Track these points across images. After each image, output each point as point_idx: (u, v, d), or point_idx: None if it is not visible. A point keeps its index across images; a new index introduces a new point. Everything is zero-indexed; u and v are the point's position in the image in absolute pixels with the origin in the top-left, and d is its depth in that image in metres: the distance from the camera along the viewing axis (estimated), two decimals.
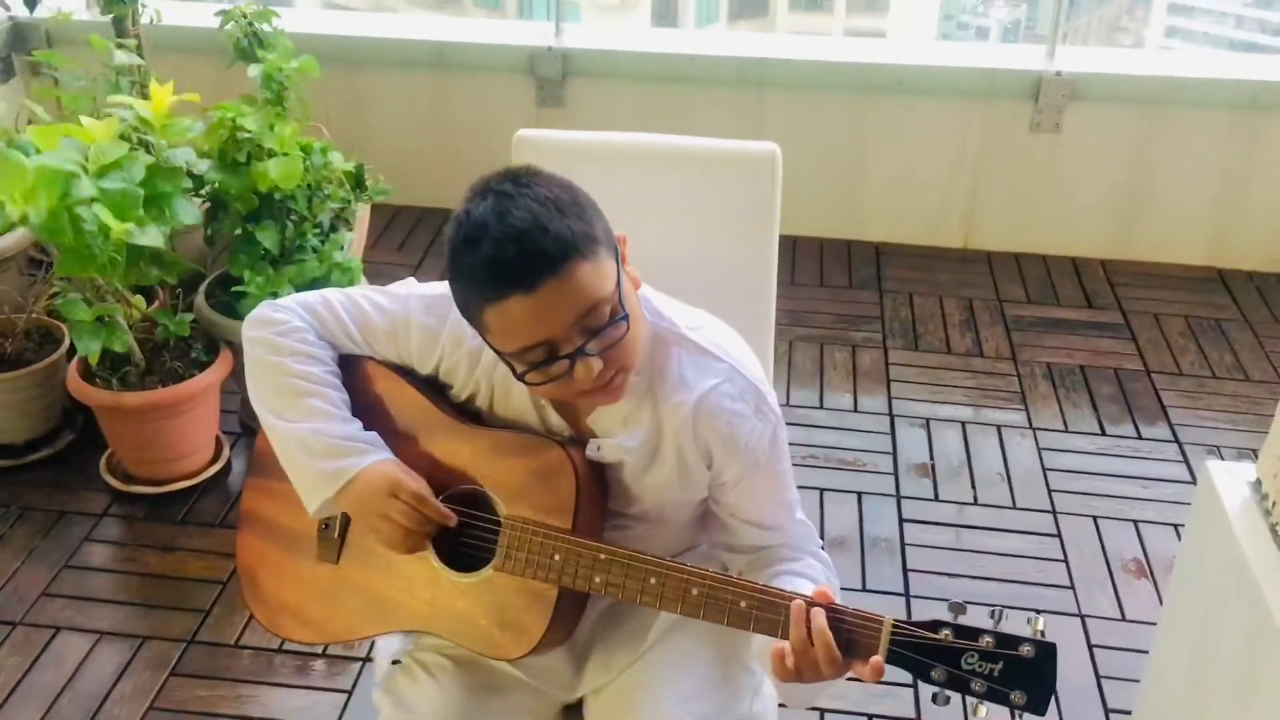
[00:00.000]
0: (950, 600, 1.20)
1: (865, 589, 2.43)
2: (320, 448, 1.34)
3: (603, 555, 1.30)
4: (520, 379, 1.26)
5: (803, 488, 1.48)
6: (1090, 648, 2.30)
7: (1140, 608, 2.40)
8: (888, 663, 1.19)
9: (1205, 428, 2.95)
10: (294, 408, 1.36)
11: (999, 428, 2.94)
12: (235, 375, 2.64)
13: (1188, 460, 2.83)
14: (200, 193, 2.64)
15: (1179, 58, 4.40)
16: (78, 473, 2.73)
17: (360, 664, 2.25)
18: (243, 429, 2.86)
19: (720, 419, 1.33)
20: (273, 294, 2.49)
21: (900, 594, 2.42)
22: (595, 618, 1.48)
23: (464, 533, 1.38)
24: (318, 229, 2.73)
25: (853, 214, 3.81)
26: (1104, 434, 2.93)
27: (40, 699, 2.16)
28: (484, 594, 1.35)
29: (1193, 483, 2.70)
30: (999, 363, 3.20)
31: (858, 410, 3.01)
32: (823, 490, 2.70)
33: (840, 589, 1.30)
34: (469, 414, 1.41)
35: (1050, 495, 2.71)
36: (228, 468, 2.74)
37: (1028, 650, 1.15)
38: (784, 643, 1.22)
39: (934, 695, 1.19)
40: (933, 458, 2.83)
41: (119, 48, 2.66)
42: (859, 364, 3.19)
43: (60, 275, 2.25)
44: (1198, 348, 3.28)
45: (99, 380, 2.55)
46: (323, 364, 1.40)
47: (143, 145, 2.52)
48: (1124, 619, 2.37)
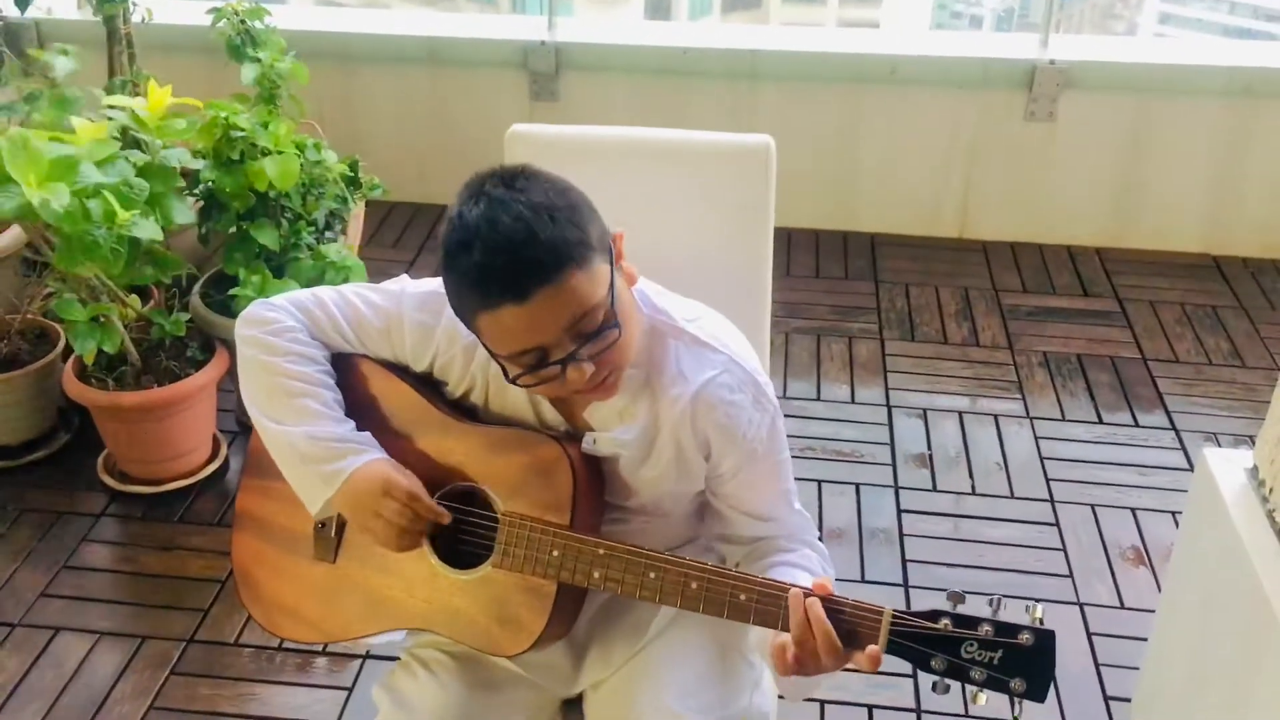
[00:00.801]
0: (949, 590, 1.21)
1: (864, 580, 2.44)
2: (313, 451, 1.34)
3: (601, 550, 1.30)
4: (513, 382, 1.26)
5: (801, 479, 1.48)
6: (1089, 636, 2.30)
7: (1138, 595, 2.40)
8: (887, 653, 1.19)
9: (1202, 415, 2.96)
10: (287, 409, 1.36)
11: (996, 417, 2.94)
12: (231, 374, 2.64)
13: (1185, 448, 2.83)
14: (194, 192, 2.64)
15: (1173, 45, 4.40)
16: (75, 473, 2.72)
17: (361, 661, 2.25)
18: (239, 427, 2.86)
19: (719, 410, 1.33)
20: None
21: (899, 584, 2.43)
22: (593, 612, 1.48)
23: (462, 530, 1.38)
24: (312, 227, 2.73)
25: (848, 205, 3.81)
26: (1101, 422, 2.93)
27: (41, 700, 2.16)
28: (482, 591, 1.35)
29: (1190, 470, 2.70)
30: (996, 352, 3.21)
31: (855, 401, 3.01)
32: (821, 482, 2.71)
33: (836, 580, 1.30)
34: (464, 410, 1.41)
35: (1048, 484, 2.71)
36: (225, 466, 2.74)
37: (1027, 638, 1.16)
38: (785, 635, 1.23)
39: (934, 684, 1.19)
40: (930, 448, 2.83)
41: (62, 54, 2.63)
42: (855, 355, 3.19)
43: (60, 266, 2.25)
44: (1194, 335, 3.28)
45: (95, 380, 2.55)
46: (315, 363, 1.39)
47: (136, 145, 2.52)
48: (1122, 607, 2.38)
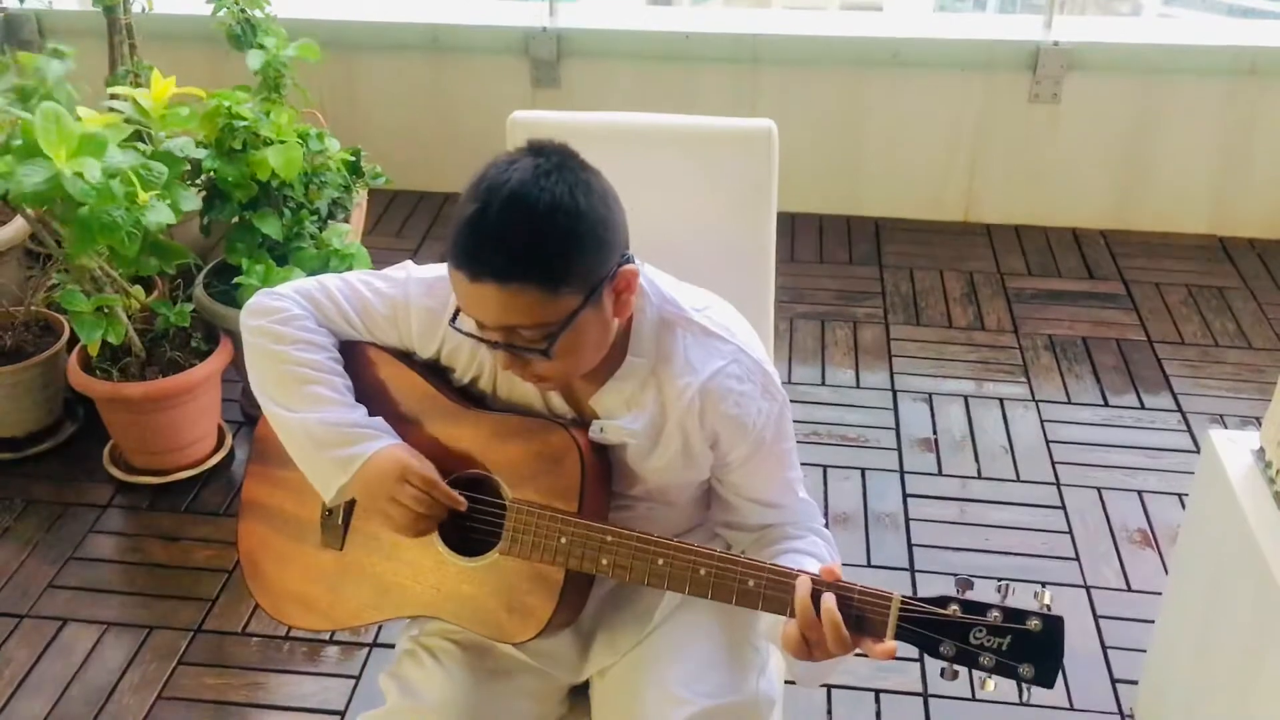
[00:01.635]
0: (957, 575, 1.21)
1: (870, 564, 2.43)
2: (328, 437, 1.34)
3: (609, 537, 1.30)
4: (452, 322, 1.29)
5: (806, 465, 1.48)
6: (1096, 618, 2.30)
7: (1145, 578, 2.40)
8: (895, 638, 1.19)
9: (1208, 396, 2.95)
10: (298, 397, 1.36)
11: (1001, 401, 2.94)
12: (236, 364, 2.64)
13: (1191, 429, 2.83)
14: (196, 182, 2.64)
15: (1177, 25, 4.37)
16: (81, 464, 2.73)
17: (368, 650, 2.25)
18: (245, 417, 2.86)
19: (728, 400, 1.33)
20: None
21: (905, 569, 2.43)
22: (600, 599, 1.48)
23: (470, 517, 1.38)
24: (315, 216, 2.73)
25: (851, 189, 3.79)
26: (1107, 405, 2.92)
27: (50, 690, 2.17)
28: (490, 578, 1.35)
29: (1196, 452, 2.69)
30: (1001, 336, 3.20)
31: (860, 386, 3.00)
32: (826, 467, 2.70)
33: (843, 566, 1.30)
34: (472, 398, 1.41)
35: (1054, 467, 2.71)
36: (230, 456, 2.74)
37: (1035, 624, 1.16)
38: (794, 621, 1.22)
39: (942, 670, 1.19)
40: (936, 432, 2.83)
41: (56, 55, 2.62)
42: (860, 340, 3.18)
43: (72, 252, 2.25)
44: (1200, 317, 3.27)
45: (100, 371, 2.55)
46: (324, 350, 1.39)
47: (139, 136, 2.51)
48: (1129, 589, 2.37)
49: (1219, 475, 1.77)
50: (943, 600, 1.18)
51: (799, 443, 1.44)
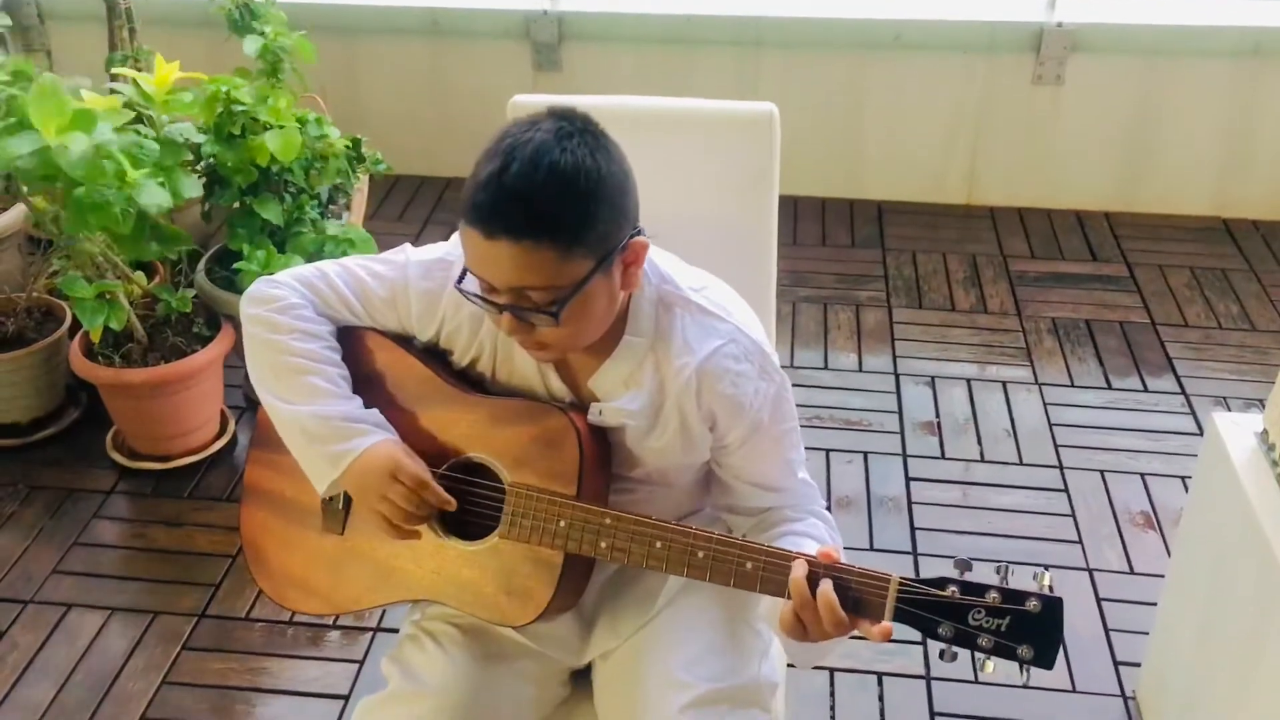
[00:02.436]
0: (957, 557, 1.20)
1: (873, 548, 2.44)
2: (320, 431, 1.34)
3: (608, 520, 1.30)
4: (458, 285, 1.28)
5: (809, 448, 1.48)
6: (1099, 601, 2.30)
7: (1148, 561, 2.40)
8: (894, 620, 1.19)
9: (1212, 379, 2.94)
10: (293, 387, 1.36)
11: (1004, 384, 2.93)
12: (238, 350, 2.64)
13: (1194, 412, 2.82)
14: (197, 168, 2.63)
15: (1181, 5, 4.33)
16: (84, 450, 2.73)
17: (372, 634, 2.26)
18: (247, 403, 2.86)
19: (725, 380, 1.33)
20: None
21: (908, 552, 2.43)
22: (602, 583, 1.48)
23: (469, 501, 1.38)
24: (316, 201, 2.72)
25: (854, 172, 3.78)
26: (1110, 388, 2.92)
27: (54, 675, 2.18)
28: (490, 561, 1.36)
29: (1199, 435, 2.69)
30: (1004, 319, 3.19)
31: (862, 370, 3.00)
32: (829, 451, 2.70)
33: (844, 549, 1.30)
34: (471, 381, 1.41)
35: (1057, 450, 2.71)
36: (233, 442, 2.75)
37: (1034, 605, 1.15)
38: (790, 603, 1.22)
39: (941, 652, 1.19)
40: (939, 415, 2.82)
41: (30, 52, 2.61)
42: (863, 323, 3.18)
43: (69, 231, 2.24)
44: (1203, 299, 3.27)
45: (102, 358, 2.55)
46: (321, 340, 1.39)
47: (142, 120, 2.51)
48: (1132, 572, 2.37)
49: (1222, 458, 1.77)
50: (941, 582, 1.18)
51: (801, 426, 1.44)
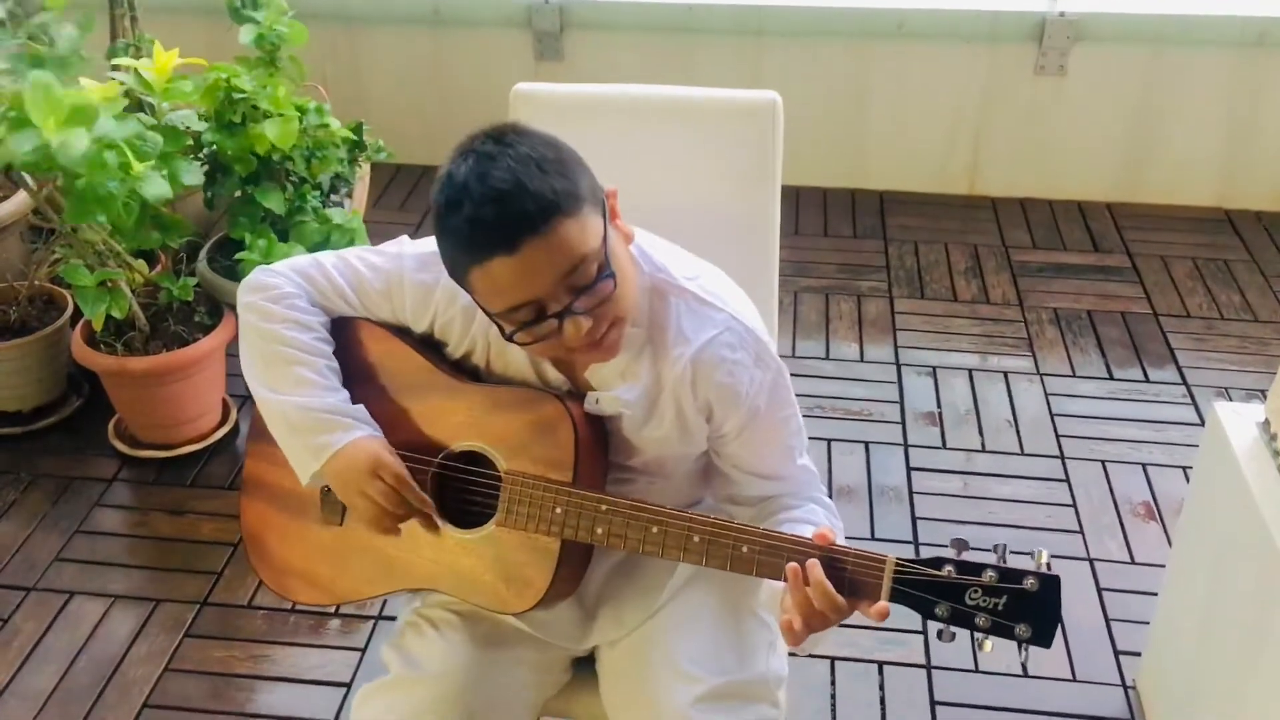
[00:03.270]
0: (953, 538, 1.20)
1: (874, 538, 2.44)
2: (303, 422, 1.34)
3: (604, 507, 1.30)
4: (509, 339, 1.24)
5: (810, 438, 1.47)
6: (1099, 591, 2.30)
7: (1149, 551, 2.40)
8: (891, 601, 1.19)
9: (1213, 369, 2.94)
10: (281, 377, 1.36)
11: (1006, 374, 2.93)
12: (239, 338, 2.64)
13: (1196, 402, 2.82)
14: (199, 156, 2.63)
15: None
16: (86, 438, 2.74)
17: (373, 622, 2.26)
18: (249, 392, 2.85)
19: (720, 369, 1.33)
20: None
21: (909, 542, 2.43)
22: (606, 572, 1.48)
23: (466, 490, 1.38)
24: (317, 190, 2.72)
25: (856, 162, 3.78)
26: (1111, 378, 2.92)
27: (57, 662, 2.19)
28: (487, 549, 1.36)
29: (1201, 425, 2.69)
30: (1005, 309, 3.19)
31: (864, 360, 3.00)
32: (830, 441, 2.70)
33: (845, 534, 1.30)
34: (466, 371, 1.41)
35: (1058, 440, 2.71)
36: (235, 431, 2.75)
37: (1031, 583, 1.15)
38: (785, 591, 1.22)
39: (939, 632, 1.18)
40: (940, 406, 2.82)
41: (84, 28, 2.60)
42: (865, 313, 3.18)
43: (71, 221, 2.24)
44: (1205, 289, 3.26)
45: (103, 346, 2.55)
46: (312, 331, 1.39)
47: (142, 107, 2.51)
48: (1133, 562, 2.38)
49: (1223, 448, 1.77)
50: (937, 561, 1.17)
51: (803, 416, 1.44)
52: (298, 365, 1.36)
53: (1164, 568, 2.08)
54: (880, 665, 2.16)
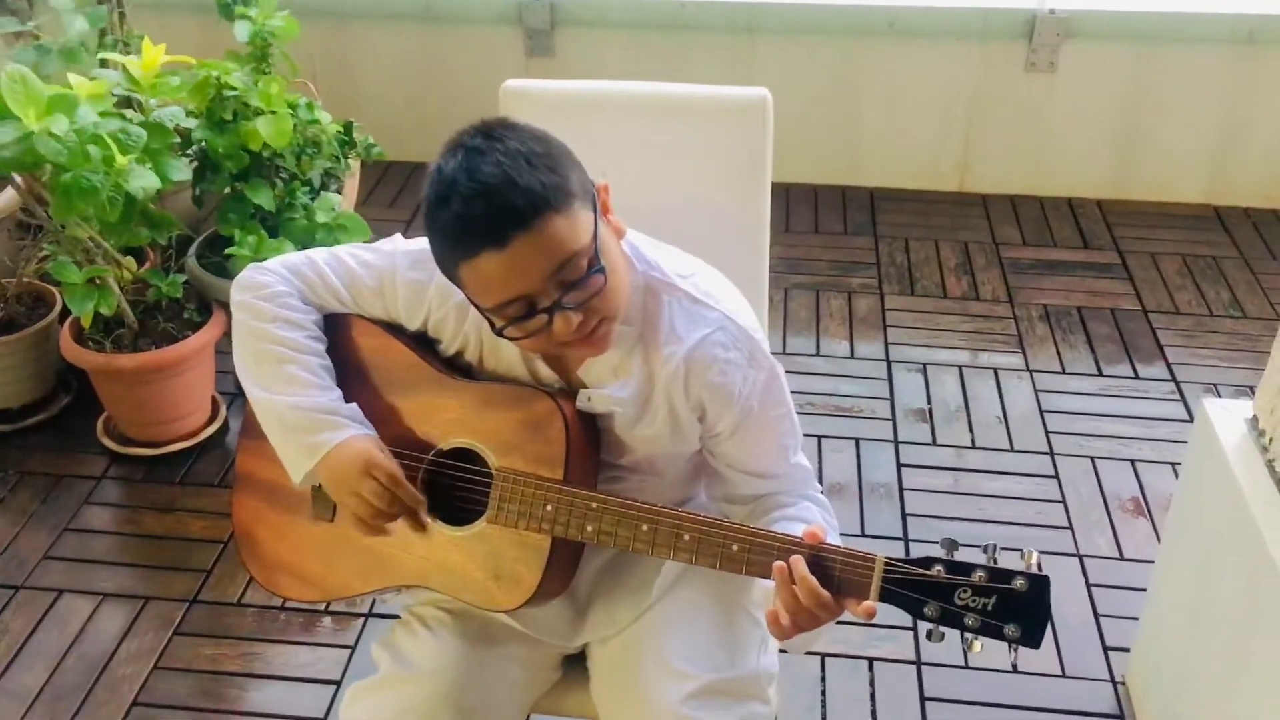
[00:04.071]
0: (944, 538, 1.20)
1: (864, 534, 2.44)
2: (296, 421, 1.34)
3: (594, 504, 1.30)
4: (499, 334, 1.24)
5: (802, 436, 1.48)
6: (1089, 587, 2.31)
7: (1138, 547, 2.41)
8: (880, 600, 1.19)
9: (1202, 366, 2.95)
10: (273, 376, 1.36)
11: (996, 371, 2.94)
12: (229, 335, 2.62)
13: (1185, 399, 2.83)
14: (188, 152, 2.62)
15: None
16: (75, 436, 2.73)
17: (364, 620, 2.26)
18: (238, 389, 2.85)
19: (713, 369, 1.33)
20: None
21: (899, 538, 2.43)
22: (596, 569, 1.48)
23: (457, 487, 1.38)
24: (308, 187, 2.71)
25: (847, 159, 3.78)
26: (1101, 374, 2.93)
27: (46, 660, 2.18)
28: (478, 547, 1.36)
29: (1190, 421, 2.70)
30: (996, 306, 3.20)
31: (854, 357, 3.00)
32: (821, 437, 2.71)
33: (840, 532, 1.30)
34: (458, 368, 1.41)
35: (1048, 437, 2.71)
36: (225, 428, 2.74)
37: (1020, 584, 1.15)
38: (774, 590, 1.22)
39: (929, 632, 1.19)
40: (930, 402, 2.83)
41: (93, 22, 2.59)
42: (855, 310, 3.18)
43: (57, 216, 2.23)
44: (1195, 286, 3.27)
45: (92, 343, 2.54)
46: (304, 329, 1.39)
47: (130, 104, 2.50)
48: (1122, 558, 2.38)
49: (1212, 444, 1.77)
50: (927, 561, 1.18)
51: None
52: (290, 364, 1.36)
53: (1153, 563, 2.09)
54: (870, 661, 2.16)
